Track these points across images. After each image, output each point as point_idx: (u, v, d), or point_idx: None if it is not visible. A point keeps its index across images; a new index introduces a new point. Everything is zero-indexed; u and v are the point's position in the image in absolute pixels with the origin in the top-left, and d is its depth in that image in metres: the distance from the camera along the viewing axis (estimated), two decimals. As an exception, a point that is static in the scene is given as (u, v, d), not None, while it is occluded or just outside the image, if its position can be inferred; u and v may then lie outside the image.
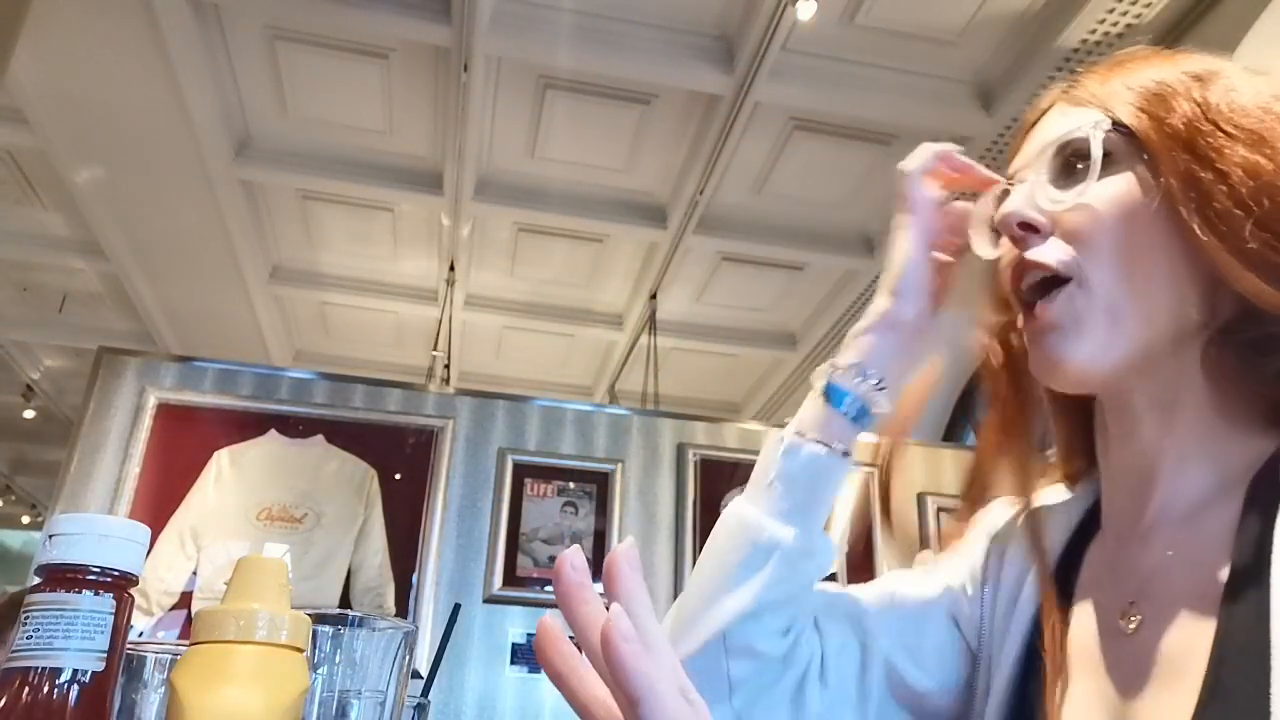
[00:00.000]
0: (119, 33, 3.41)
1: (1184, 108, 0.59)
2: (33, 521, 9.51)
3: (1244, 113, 0.59)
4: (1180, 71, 0.62)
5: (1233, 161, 0.56)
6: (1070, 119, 0.64)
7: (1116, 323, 0.59)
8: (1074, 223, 0.60)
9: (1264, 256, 0.55)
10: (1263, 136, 0.57)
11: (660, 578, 3.77)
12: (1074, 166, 0.62)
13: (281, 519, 3.53)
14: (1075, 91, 0.67)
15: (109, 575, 0.44)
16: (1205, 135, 0.58)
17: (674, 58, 3.51)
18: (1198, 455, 0.61)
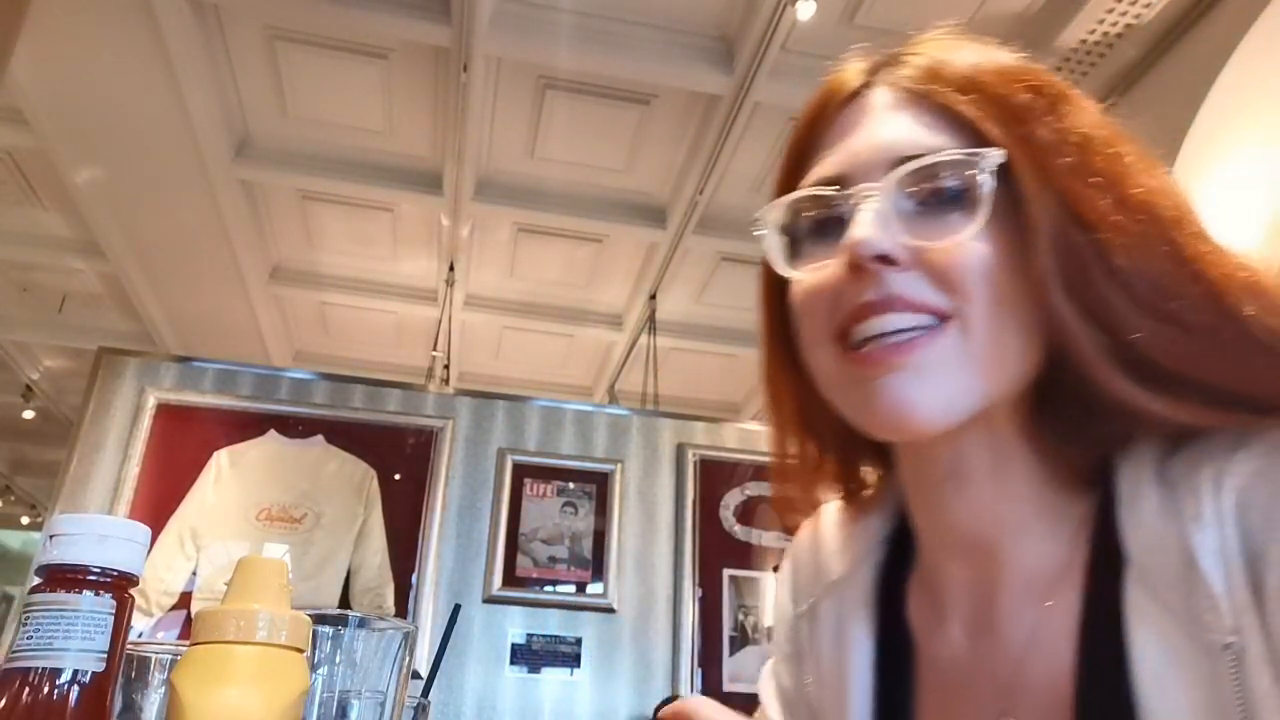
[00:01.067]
0: (119, 33, 3.41)
1: (1042, 136, 0.52)
2: (32, 522, 9.51)
3: (1097, 151, 0.52)
4: (1019, 81, 0.54)
5: (1097, 216, 0.50)
6: (920, 127, 0.55)
7: (980, 372, 0.52)
8: (947, 265, 0.52)
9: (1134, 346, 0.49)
10: (1113, 182, 0.51)
11: (660, 577, 3.77)
12: (938, 194, 0.53)
13: (281, 519, 3.53)
14: (905, 75, 0.57)
15: (109, 575, 0.44)
16: (1067, 177, 0.51)
17: (674, 58, 3.52)
18: (1036, 527, 0.56)
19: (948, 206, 0.53)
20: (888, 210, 0.53)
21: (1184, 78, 3.08)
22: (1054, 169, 0.51)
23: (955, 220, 0.52)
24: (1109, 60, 3.32)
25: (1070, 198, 0.50)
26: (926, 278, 0.52)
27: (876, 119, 0.57)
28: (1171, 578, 0.47)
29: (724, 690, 3.65)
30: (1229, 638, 0.45)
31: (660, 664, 3.64)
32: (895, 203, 0.53)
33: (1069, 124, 0.53)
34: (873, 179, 0.54)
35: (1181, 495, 0.48)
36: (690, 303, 5.25)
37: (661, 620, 3.70)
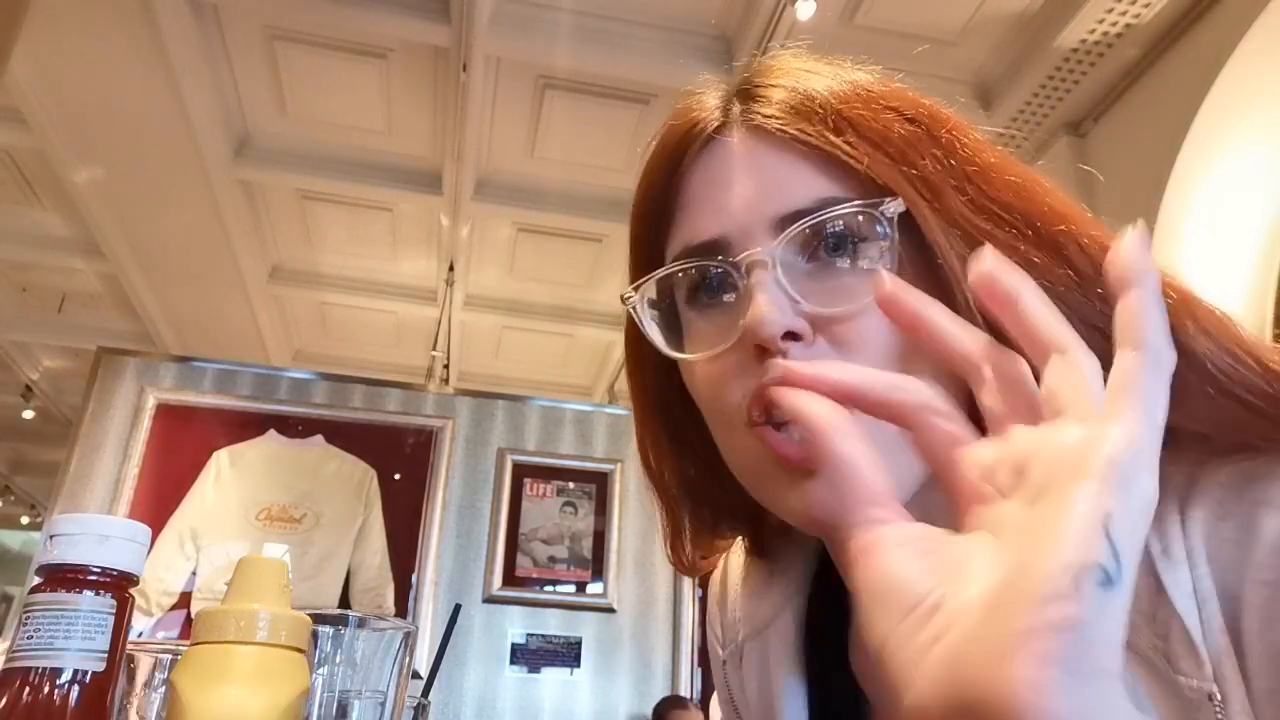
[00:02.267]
0: (118, 33, 3.41)
1: (932, 170, 0.47)
2: (32, 521, 9.51)
3: (988, 179, 0.47)
4: (892, 110, 0.49)
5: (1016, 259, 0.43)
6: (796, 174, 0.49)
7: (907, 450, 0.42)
8: (854, 335, 0.46)
9: None
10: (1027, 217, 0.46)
11: (660, 577, 3.77)
12: (828, 248, 0.48)
13: (281, 519, 3.53)
14: (766, 114, 0.50)
15: (109, 575, 0.44)
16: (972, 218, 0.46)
17: (674, 58, 3.51)
18: None
19: (843, 265, 0.47)
20: (781, 278, 0.47)
21: (1184, 78, 3.08)
22: (954, 209, 0.46)
23: (853, 280, 0.47)
24: (1108, 61, 3.32)
25: (979, 236, 0.45)
26: (836, 346, 0.47)
27: (745, 170, 0.50)
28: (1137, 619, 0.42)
29: (724, 690, 3.65)
30: (1210, 685, 0.41)
31: (660, 664, 3.64)
32: (786, 266, 0.47)
33: (957, 154, 0.48)
34: (757, 243, 0.48)
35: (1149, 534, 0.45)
36: (690, 302, 5.25)
37: (661, 620, 3.71)
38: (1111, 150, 3.43)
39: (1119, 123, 3.43)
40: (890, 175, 0.47)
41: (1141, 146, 3.23)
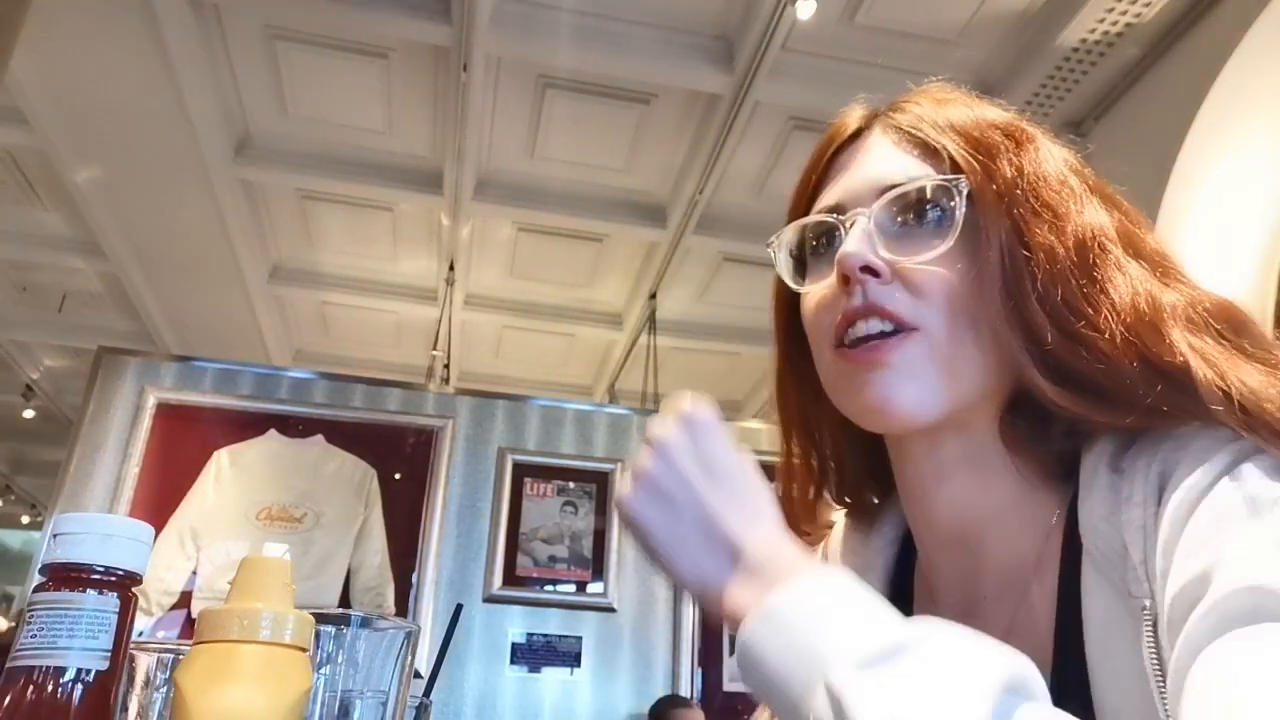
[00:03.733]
0: (119, 33, 3.41)
1: (1005, 170, 0.60)
2: (32, 521, 9.51)
3: (1047, 185, 0.59)
4: (994, 125, 0.62)
5: (1037, 241, 0.57)
6: (906, 160, 0.63)
7: (945, 376, 0.59)
8: (918, 278, 0.60)
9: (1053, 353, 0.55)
10: (1058, 215, 0.58)
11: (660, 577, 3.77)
12: (915, 216, 0.61)
13: (281, 519, 3.53)
14: (901, 119, 0.65)
15: (113, 574, 0.44)
16: (1020, 206, 0.58)
17: (673, 57, 3.51)
18: (1012, 521, 0.61)
19: (924, 227, 0.61)
20: (872, 229, 0.61)
21: (1184, 78, 3.08)
22: (1010, 197, 0.59)
23: (929, 239, 0.60)
24: (1109, 60, 3.32)
25: (1019, 222, 0.58)
26: (902, 289, 0.60)
27: (870, 155, 0.65)
28: (1113, 557, 0.53)
29: (724, 690, 3.65)
30: (1145, 600, 0.50)
31: (660, 663, 3.64)
32: (880, 223, 0.61)
33: (1029, 161, 0.60)
34: (864, 205, 0.62)
35: (1125, 481, 0.54)
36: (690, 302, 5.25)
37: (661, 620, 3.71)
38: (1112, 150, 3.43)
39: (1120, 123, 3.43)
40: (970, 165, 0.60)
41: (1142, 146, 3.23)
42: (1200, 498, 0.49)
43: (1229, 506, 0.47)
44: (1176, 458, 0.52)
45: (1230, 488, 0.48)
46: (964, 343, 0.59)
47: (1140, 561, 0.51)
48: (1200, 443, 0.51)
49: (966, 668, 0.40)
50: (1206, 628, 0.43)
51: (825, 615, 0.45)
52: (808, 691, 0.43)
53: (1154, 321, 0.54)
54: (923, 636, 0.43)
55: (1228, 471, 0.49)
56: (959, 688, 0.39)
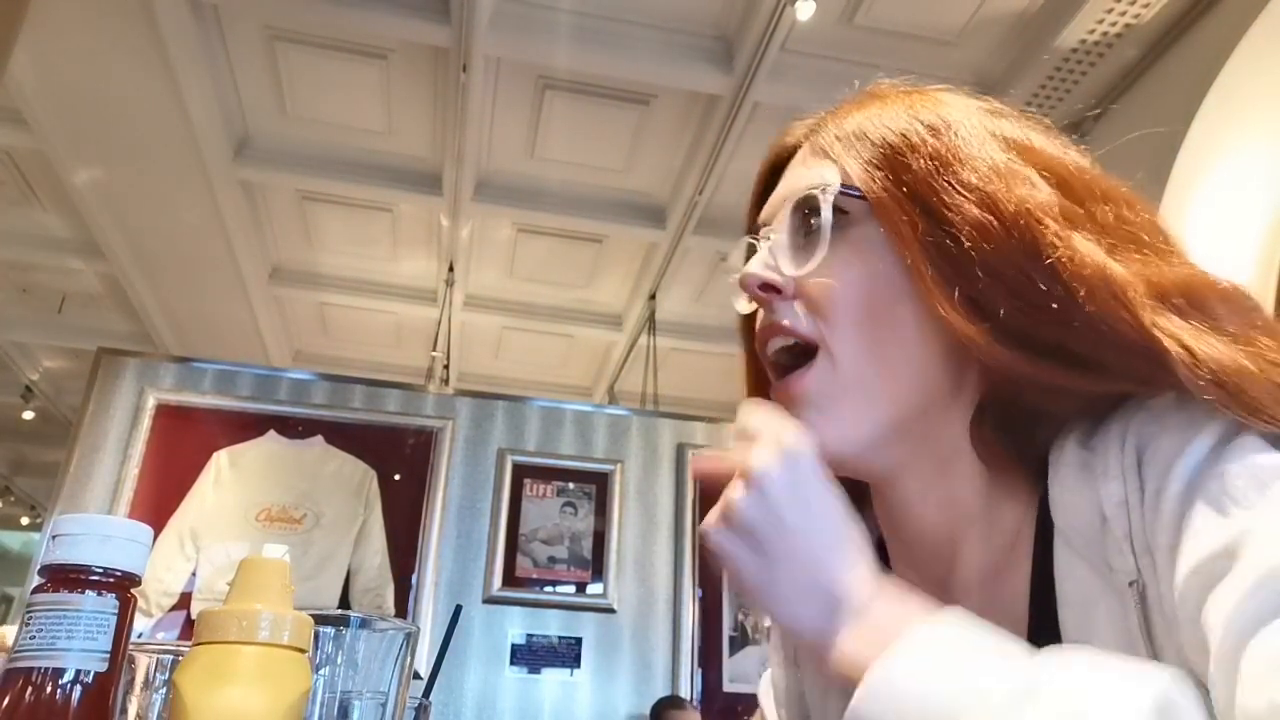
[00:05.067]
0: (118, 33, 3.41)
1: (918, 165, 0.58)
2: (32, 522, 9.51)
3: (970, 166, 0.57)
4: (917, 120, 0.60)
5: (966, 223, 0.55)
6: (810, 173, 0.62)
7: (865, 400, 0.57)
8: (813, 292, 0.58)
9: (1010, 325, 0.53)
10: (986, 192, 0.56)
11: (660, 577, 3.77)
12: (812, 226, 0.60)
13: (281, 519, 3.53)
14: (818, 137, 0.64)
15: (112, 575, 0.44)
16: (938, 194, 0.56)
17: (673, 58, 3.51)
18: (985, 520, 0.60)
19: (815, 235, 0.59)
20: (779, 245, 0.61)
21: (1184, 78, 3.08)
22: (924, 189, 0.57)
23: (817, 248, 0.59)
24: (1109, 60, 3.32)
25: (939, 211, 0.56)
26: (800, 304, 0.59)
27: (792, 170, 0.66)
28: (1088, 533, 0.52)
29: (724, 690, 3.65)
30: (1132, 576, 0.49)
31: (660, 664, 3.64)
32: (788, 239, 0.61)
33: (948, 149, 0.58)
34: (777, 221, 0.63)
35: (1098, 457, 0.53)
36: (690, 303, 5.25)
37: (661, 620, 3.71)
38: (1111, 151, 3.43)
39: (1119, 123, 3.43)
40: (864, 168, 0.59)
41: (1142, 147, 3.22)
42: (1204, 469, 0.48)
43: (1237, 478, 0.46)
44: (1153, 430, 0.51)
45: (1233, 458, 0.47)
46: (879, 355, 0.57)
47: (1124, 535, 0.50)
48: (1180, 415, 0.50)
49: (1114, 696, 0.39)
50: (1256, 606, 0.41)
51: (939, 675, 0.43)
52: None
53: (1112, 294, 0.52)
54: (1053, 672, 0.41)
55: (1225, 443, 0.48)
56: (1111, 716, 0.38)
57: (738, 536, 0.52)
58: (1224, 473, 0.47)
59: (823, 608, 0.50)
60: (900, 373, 0.57)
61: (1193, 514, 0.47)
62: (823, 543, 0.51)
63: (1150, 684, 0.39)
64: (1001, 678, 0.41)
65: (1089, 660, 0.42)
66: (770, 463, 0.51)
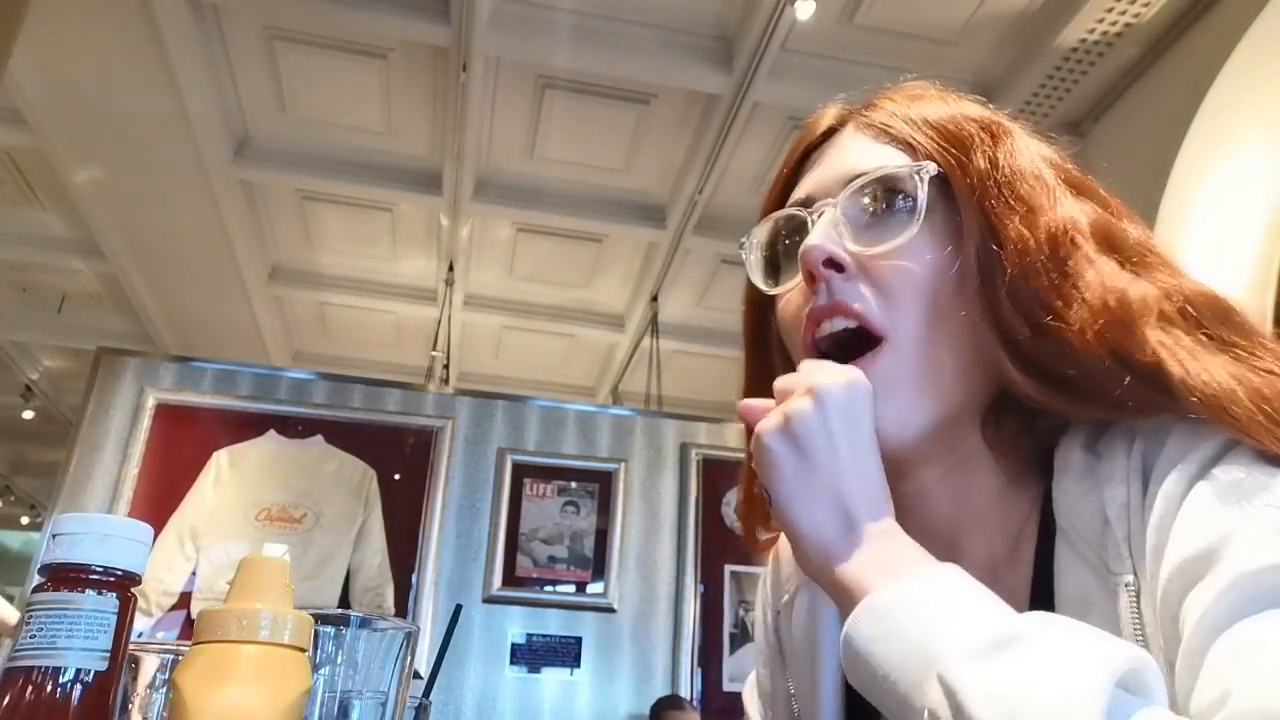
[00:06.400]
0: (118, 33, 3.41)
1: (979, 163, 0.58)
2: (32, 522, 9.51)
3: (1021, 179, 0.58)
4: (970, 119, 0.61)
5: (1009, 234, 0.56)
6: (877, 152, 0.62)
7: (923, 389, 0.58)
8: (886, 273, 0.58)
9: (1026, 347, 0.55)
10: (1031, 208, 0.57)
11: (662, 575, 3.77)
12: (885, 207, 0.59)
13: (281, 519, 3.53)
14: (873, 115, 0.64)
15: (112, 575, 0.44)
16: (992, 198, 0.57)
17: (673, 58, 3.51)
18: (992, 517, 0.61)
19: (893, 216, 0.59)
20: (838, 219, 0.60)
21: (1184, 78, 3.08)
22: (982, 189, 0.58)
23: (897, 227, 0.58)
24: (1109, 60, 3.32)
25: (991, 215, 0.57)
26: (868, 285, 0.58)
27: (842, 150, 0.64)
28: (1089, 534, 0.54)
29: (724, 689, 3.65)
30: (1128, 577, 0.51)
31: (660, 663, 3.64)
32: (847, 214, 0.60)
33: (1003, 154, 0.59)
34: (833, 197, 0.61)
35: (1104, 462, 0.55)
36: (691, 306, 5.25)
37: (662, 619, 3.71)
38: (1111, 150, 3.43)
39: (1119, 123, 3.43)
40: (941, 155, 0.59)
41: (1142, 146, 3.23)
42: (1197, 477, 0.49)
43: (1226, 488, 0.48)
44: (1160, 438, 0.52)
45: (1225, 469, 0.49)
46: (938, 348, 0.58)
47: (1124, 538, 0.52)
48: (1184, 425, 0.52)
49: (1081, 658, 0.41)
50: (1228, 605, 0.44)
51: (934, 609, 0.46)
52: (918, 686, 0.43)
53: (1124, 317, 0.53)
54: (1036, 626, 0.43)
55: (1221, 455, 0.49)
56: (1074, 676, 0.40)
57: (789, 442, 0.54)
58: (1213, 480, 0.49)
59: (844, 525, 0.52)
60: (952, 368, 0.58)
61: (1180, 518, 0.49)
62: (860, 468, 0.53)
63: (1122, 650, 0.41)
64: (987, 624, 0.44)
65: (1068, 623, 0.44)
66: (837, 384, 0.54)
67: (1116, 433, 0.55)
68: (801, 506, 0.53)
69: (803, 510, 0.53)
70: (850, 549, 0.51)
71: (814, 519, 0.53)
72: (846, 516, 0.52)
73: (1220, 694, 0.41)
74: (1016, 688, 0.40)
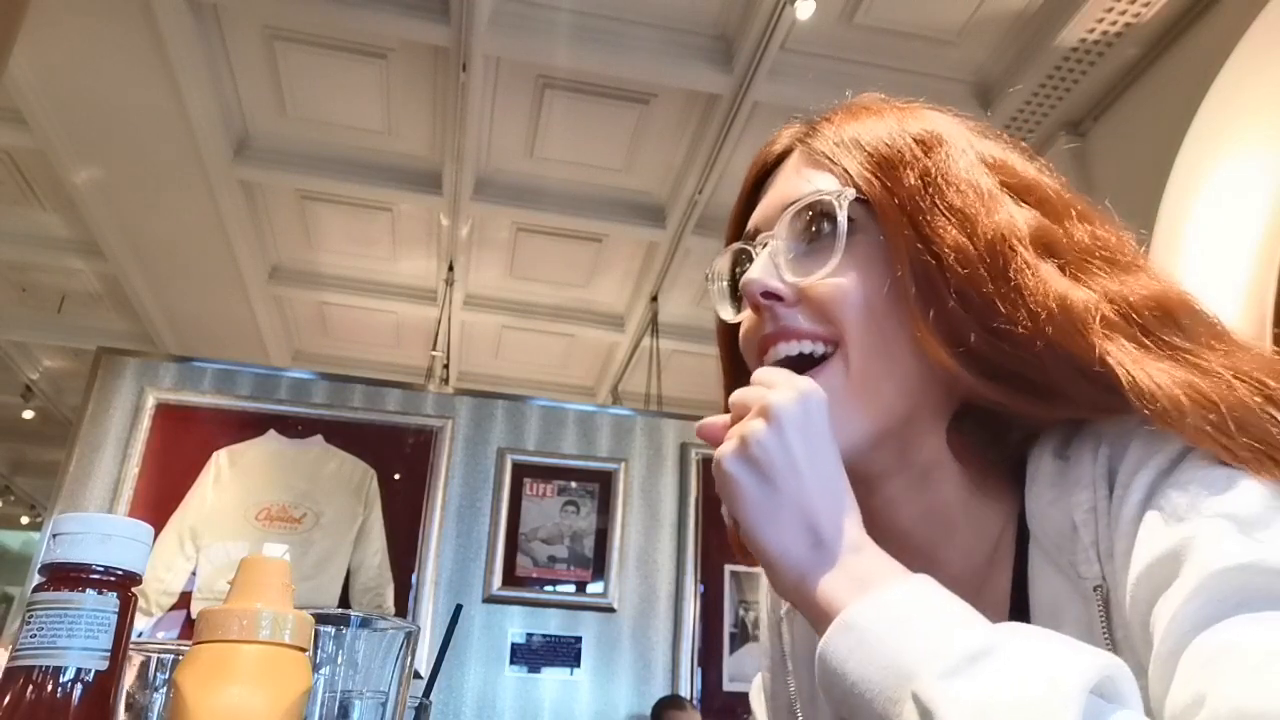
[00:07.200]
0: (118, 33, 3.41)
1: (909, 179, 0.59)
2: (32, 522, 9.51)
3: (956, 188, 0.59)
4: (907, 134, 0.62)
5: (946, 245, 0.56)
6: (810, 180, 0.63)
7: (868, 402, 0.58)
8: (822, 297, 0.59)
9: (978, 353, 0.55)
10: (966, 217, 0.57)
11: (662, 575, 3.77)
12: (815, 232, 0.61)
13: (280, 519, 3.53)
14: (812, 143, 0.65)
15: (113, 574, 0.44)
16: (925, 213, 0.58)
17: (673, 58, 3.51)
18: (968, 526, 0.62)
19: (822, 244, 0.60)
20: (777, 252, 0.61)
21: (1184, 78, 3.08)
22: (913, 205, 0.58)
23: (825, 254, 0.60)
24: (1109, 60, 3.32)
25: (924, 229, 0.57)
26: (807, 311, 0.60)
27: (785, 178, 0.66)
28: (1060, 540, 0.55)
29: (724, 689, 3.65)
30: (1097, 581, 0.52)
31: (660, 663, 3.64)
32: (785, 244, 0.62)
33: (936, 166, 0.60)
34: (771, 229, 0.63)
35: (1072, 466, 0.56)
36: (691, 306, 5.25)
37: (662, 619, 3.71)
38: (1111, 150, 3.43)
39: (1119, 122, 3.43)
40: (868, 178, 0.60)
41: (1141, 146, 3.23)
42: (1158, 482, 0.50)
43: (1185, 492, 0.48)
44: (1125, 441, 0.53)
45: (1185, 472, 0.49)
46: (880, 357, 0.58)
47: (1091, 543, 0.52)
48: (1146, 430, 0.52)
49: (1054, 668, 0.40)
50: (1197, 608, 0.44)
51: (907, 624, 0.45)
52: (894, 703, 0.43)
53: (1068, 324, 0.53)
54: (1008, 638, 0.43)
55: (1179, 460, 0.50)
56: (1048, 686, 0.40)
57: (749, 466, 0.53)
58: (1174, 484, 0.49)
59: (813, 545, 0.52)
60: (897, 379, 0.59)
61: (1144, 522, 0.50)
62: (823, 486, 0.53)
63: (1097, 658, 0.41)
64: (959, 637, 0.44)
65: (1041, 633, 0.44)
66: (789, 401, 0.53)
67: (1084, 437, 0.56)
68: (769, 531, 0.53)
69: (770, 534, 0.53)
70: (821, 566, 0.51)
71: (782, 541, 0.52)
72: (814, 534, 0.52)
73: (1195, 697, 0.42)
74: (991, 702, 0.40)
